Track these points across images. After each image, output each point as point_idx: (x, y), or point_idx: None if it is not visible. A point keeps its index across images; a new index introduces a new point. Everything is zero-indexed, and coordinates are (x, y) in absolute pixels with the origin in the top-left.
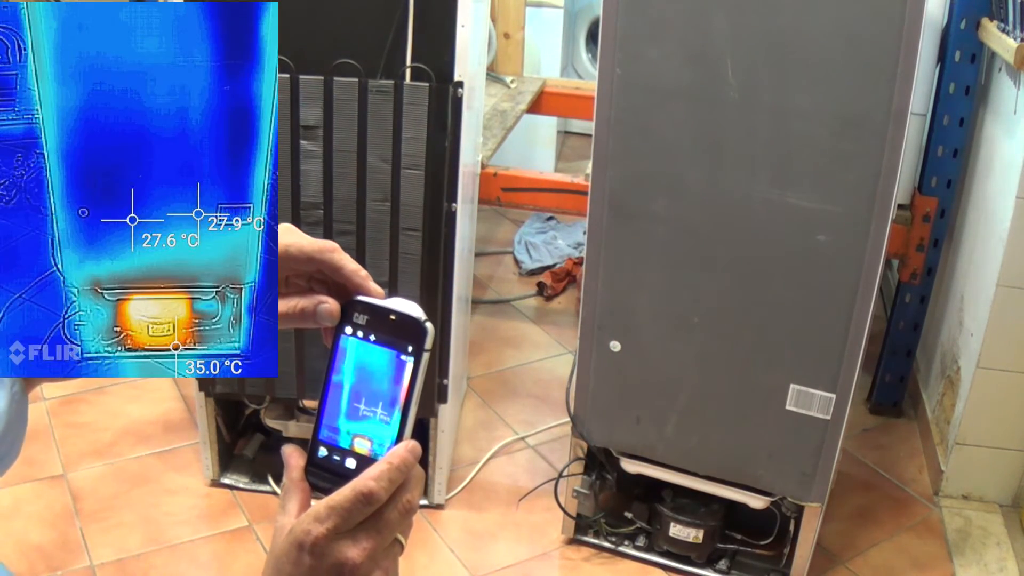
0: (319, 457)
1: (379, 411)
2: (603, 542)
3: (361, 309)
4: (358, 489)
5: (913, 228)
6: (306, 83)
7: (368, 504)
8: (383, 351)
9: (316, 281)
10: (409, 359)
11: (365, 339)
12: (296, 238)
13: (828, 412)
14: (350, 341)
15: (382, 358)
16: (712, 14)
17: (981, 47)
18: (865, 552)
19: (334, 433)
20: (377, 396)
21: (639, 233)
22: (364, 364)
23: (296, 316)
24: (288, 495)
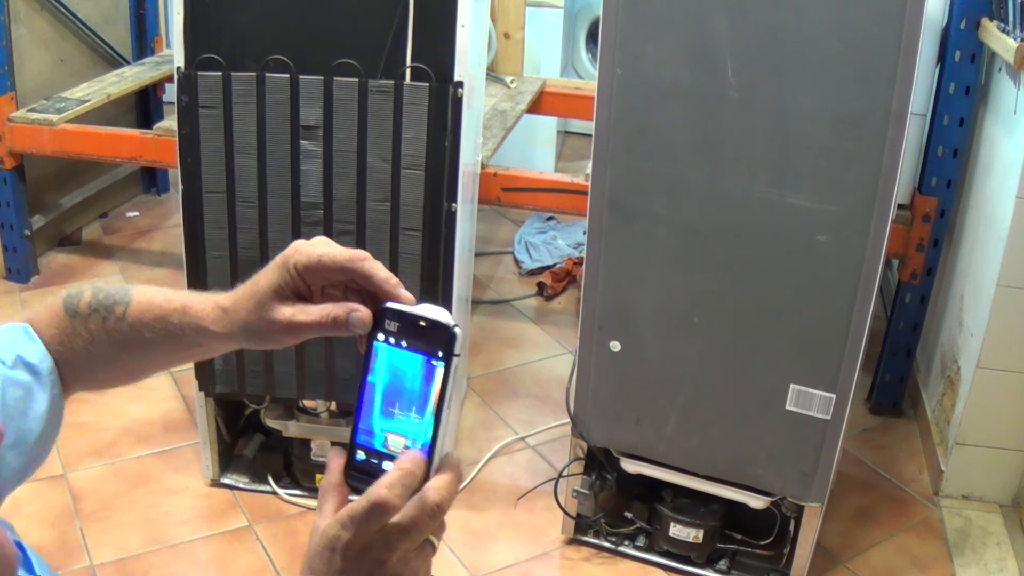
0: (357, 460)
1: (412, 413)
2: (603, 542)
3: (392, 316)
4: (371, 499)
5: (913, 228)
6: (306, 83)
7: (384, 512)
8: (414, 356)
9: (350, 290)
10: (439, 363)
11: (397, 345)
12: (328, 248)
13: (828, 412)
14: (382, 347)
15: (413, 363)
16: (712, 14)
17: (981, 47)
18: (865, 552)
19: (370, 436)
20: (410, 399)
21: (639, 233)
22: (396, 368)
23: (330, 324)
24: (325, 497)
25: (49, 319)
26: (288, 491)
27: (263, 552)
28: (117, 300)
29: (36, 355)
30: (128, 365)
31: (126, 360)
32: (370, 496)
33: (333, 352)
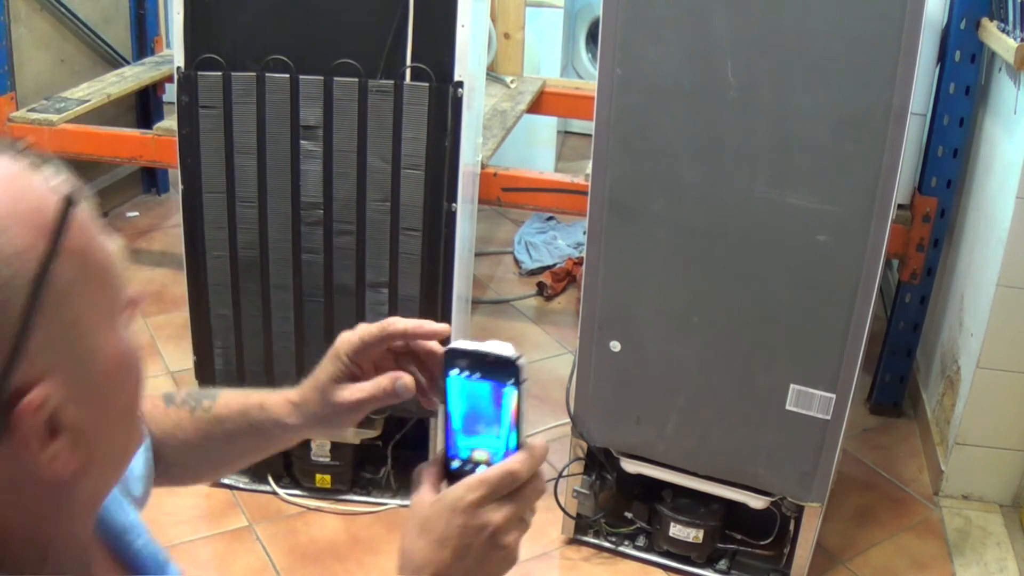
0: (452, 469)
1: (491, 431)
2: (603, 542)
3: (460, 355)
4: (506, 467)
5: (913, 228)
6: (306, 83)
7: (512, 480)
8: (485, 384)
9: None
10: (511, 389)
11: (470, 377)
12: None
13: (828, 412)
14: (456, 379)
15: (486, 389)
16: (712, 14)
17: (981, 47)
18: (865, 552)
19: (457, 451)
20: (487, 419)
21: (639, 233)
22: (472, 395)
23: (382, 395)
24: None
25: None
26: (288, 491)
27: (263, 552)
28: (206, 396)
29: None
30: (211, 454)
31: (210, 448)
32: (504, 466)
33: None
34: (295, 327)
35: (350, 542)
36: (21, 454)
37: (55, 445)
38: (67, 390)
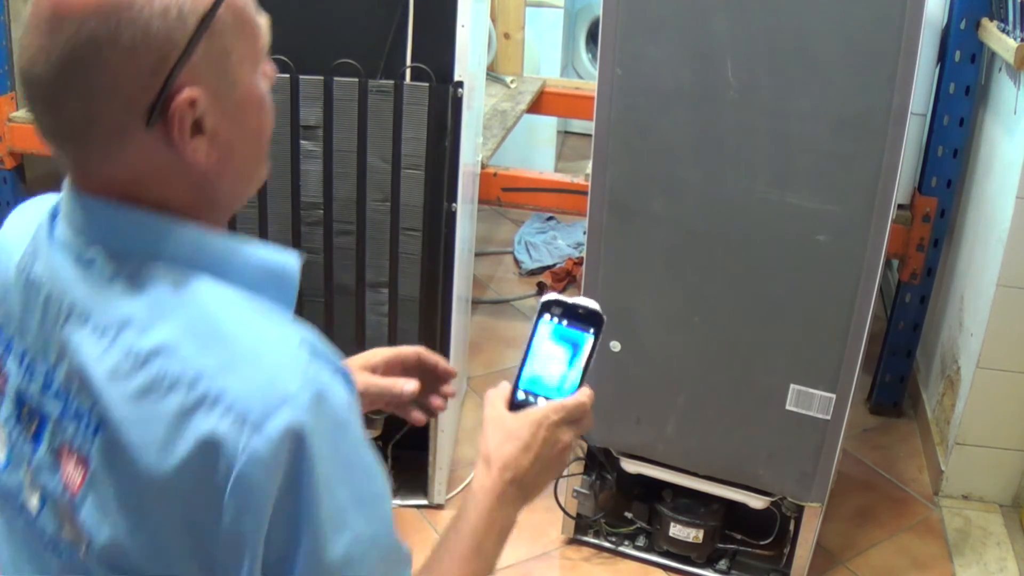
0: (517, 400)
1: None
2: (603, 542)
3: (556, 304)
4: (578, 399)
5: (913, 228)
6: (306, 83)
7: (582, 411)
8: (572, 331)
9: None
10: (590, 336)
11: (559, 322)
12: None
13: (828, 412)
14: (547, 324)
15: (571, 335)
16: (712, 14)
17: (981, 47)
18: (865, 552)
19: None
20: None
21: (639, 233)
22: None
23: (395, 392)
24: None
25: None
26: None
27: None
28: None
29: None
30: None
31: None
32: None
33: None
34: None
35: None
36: (172, 138)
37: (198, 140)
38: (212, 103)
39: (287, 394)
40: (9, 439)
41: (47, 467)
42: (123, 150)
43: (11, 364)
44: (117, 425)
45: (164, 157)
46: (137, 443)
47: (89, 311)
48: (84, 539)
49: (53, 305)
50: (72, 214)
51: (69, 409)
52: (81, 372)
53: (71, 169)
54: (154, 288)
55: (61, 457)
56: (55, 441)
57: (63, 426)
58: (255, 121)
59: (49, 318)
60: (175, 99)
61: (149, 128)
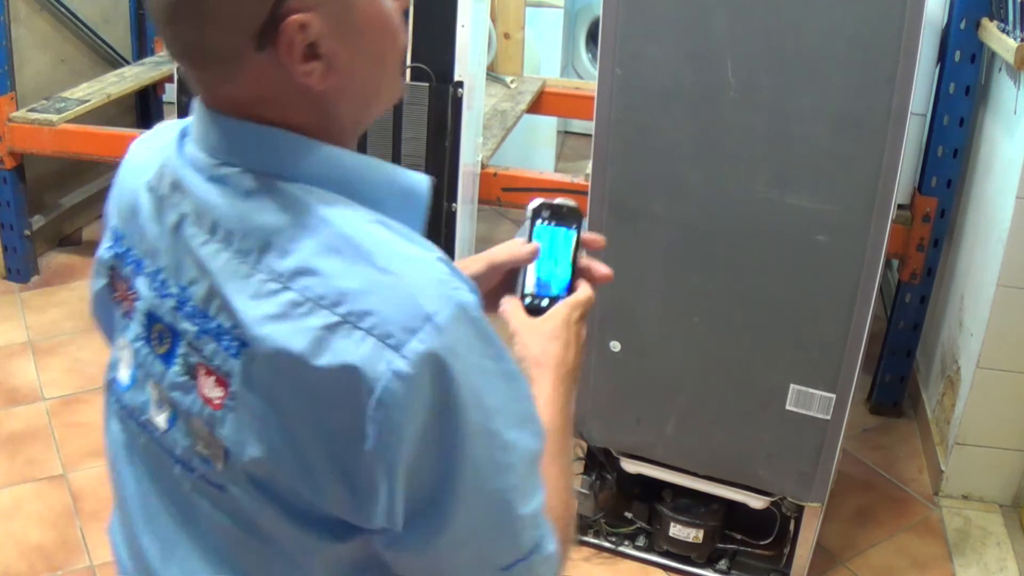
0: (531, 304)
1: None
2: (603, 542)
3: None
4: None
5: (913, 228)
6: None
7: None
8: (561, 228)
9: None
10: (574, 231)
11: (549, 224)
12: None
13: (828, 412)
14: (541, 227)
15: (561, 232)
16: (712, 14)
17: (981, 47)
18: (865, 552)
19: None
20: (557, 257)
21: (639, 233)
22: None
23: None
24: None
25: None
26: None
27: None
28: None
29: None
30: None
31: None
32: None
33: None
34: None
35: None
36: (284, 62)
37: (312, 64)
38: (328, 27)
39: (429, 313)
40: (136, 358)
41: (180, 385)
42: (240, 72)
43: (141, 284)
44: (259, 345)
45: (281, 80)
46: (279, 364)
47: (227, 230)
48: (222, 455)
49: (188, 225)
50: (204, 134)
51: (207, 328)
52: (221, 292)
53: (198, 89)
54: (292, 208)
55: (197, 376)
56: (190, 360)
57: (199, 345)
58: (378, 44)
59: (183, 237)
60: (284, 23)
61: (260, 52)
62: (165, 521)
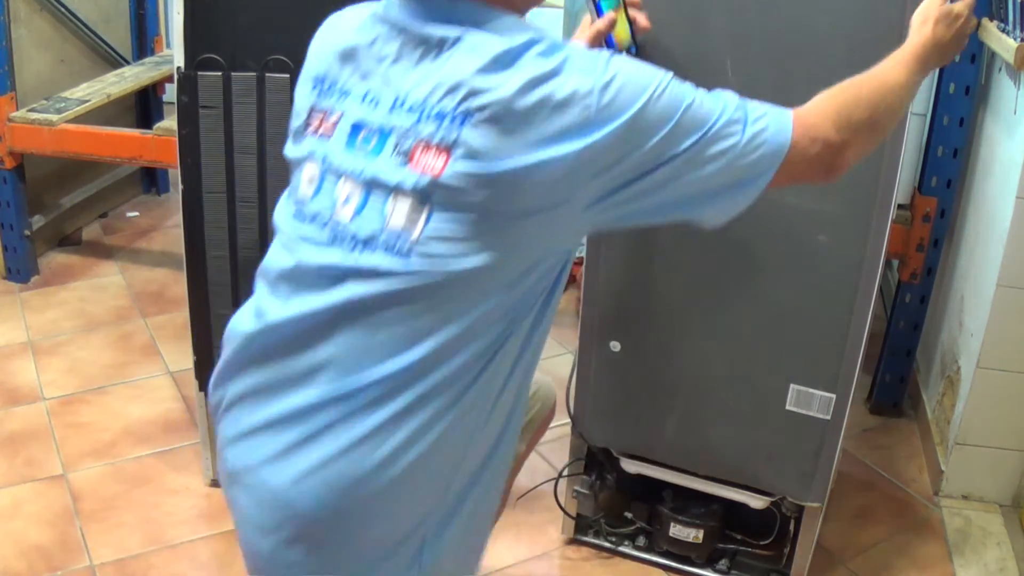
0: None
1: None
2: (603, 542)
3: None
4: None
5: (913, 228)
6: None
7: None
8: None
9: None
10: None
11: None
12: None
13: (828, 412)
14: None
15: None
16: (712, 14)
17: (981, 47)
18: (865, 552)
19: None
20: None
21: (639, 233)
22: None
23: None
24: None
25: None
26: None
27: None
28: None
29: None
30: None
31: None
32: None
33: None
34: None
35: None
36: None
37: None
38: None
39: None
40: (327, 168)
41: (389, 170)
42: None
43: (347, 104)
44: (497, 107)
45: None
46: (510, 119)
47: (437, 46)
48: (423, 219)
49: (407, 51)
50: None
51: (427, 115)
52: (450, 81)
53: None
54: (490, 32)
55: (414, 154)
56: (404, 145)
57: (417, 130)
58: None
59: (401, 60)
60: None
61: None
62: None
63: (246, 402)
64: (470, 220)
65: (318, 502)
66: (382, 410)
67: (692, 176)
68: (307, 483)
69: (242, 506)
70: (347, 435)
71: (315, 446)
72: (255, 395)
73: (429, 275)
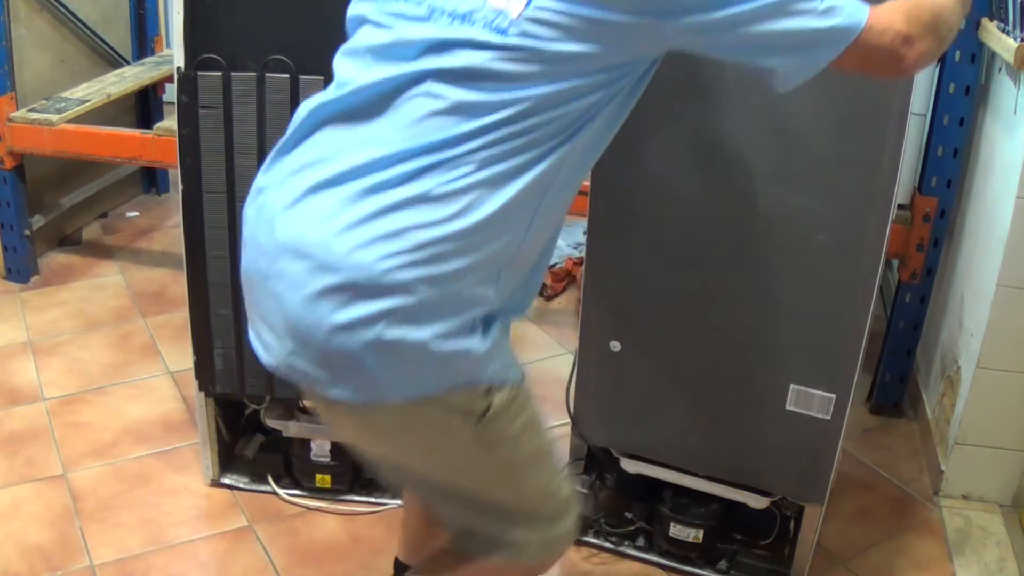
0: None
1: None
2: (603, 542)
3: None
4: None
5: (913, 228)
6: (306, 83)
7: None
8: None
9: None
10: None
11: None
12: None
13: (828, 412)
14: None
15: None
16: None
17: (981, 47)
18: (865, 552)
19: None
20: None
21: (639, 233)
22: None
23: None
24: None
25: None
26: (288, 491)
27: (263, 552)
28: None
29: None
30: None
31: None
32: None
33: None
34: None
35: (350, 542)
36: None
37: None
38: None
39: None
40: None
41: None
42: None
43: None
44: None
45: None
46: None
47: None
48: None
49: None
50: None
51: None
52: None
53: None
54: None
55: None
56: None
57: None
58: None
59: None
60: None
61: None
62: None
63: (315, 165)
64: (569, 10)
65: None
66: (456, 170)
67: (771, 25)
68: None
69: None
70: (430, 187)
71: (392, 204)
72: (325, 160)
73: (523, 51)
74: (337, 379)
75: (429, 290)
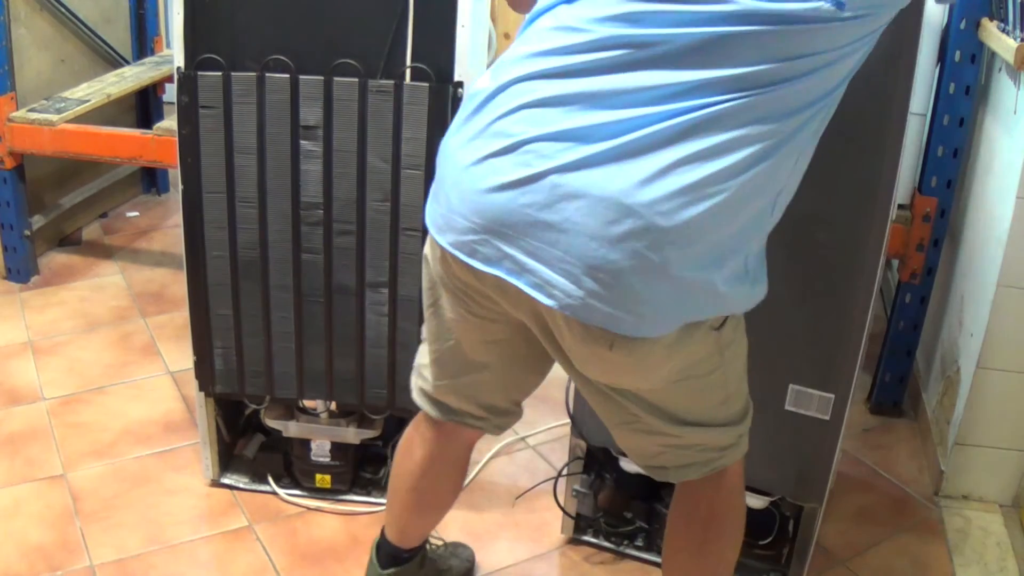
0: None
1: None
2: (603, 542)
3: None
4: None
5: (913, 228)
6: (306, 83)
7: None
8: None
9: None
10: None
11: None
12: None
13: (828, 412)
14: None
15: None
16: None
17: (981, 47)
18: (865, 552)
19: None
20: None
21: None
22: None
23: None
24: None
25: None
26: (288, 491)
27: (263, 552)
28: None
29: None
30: None
31: None
32: None
33: (333, 352)
34: (295, 327)
35: (350, 542)
36: None
37: None
38: None
39: None
40: None
41: None
42: None
43: None
44: None
45: None
46: None
47: None
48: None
49: None
50: None
51: None
52: None
53: None
54: None
55: None
56: None
57: None
58: None
59: None
60: None
61: None
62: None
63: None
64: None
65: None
66: (725, 132)
67: None
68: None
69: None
70: (700, 146)
71: (659, 151)
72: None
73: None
74: (641, 321)
75: (719, 236)
